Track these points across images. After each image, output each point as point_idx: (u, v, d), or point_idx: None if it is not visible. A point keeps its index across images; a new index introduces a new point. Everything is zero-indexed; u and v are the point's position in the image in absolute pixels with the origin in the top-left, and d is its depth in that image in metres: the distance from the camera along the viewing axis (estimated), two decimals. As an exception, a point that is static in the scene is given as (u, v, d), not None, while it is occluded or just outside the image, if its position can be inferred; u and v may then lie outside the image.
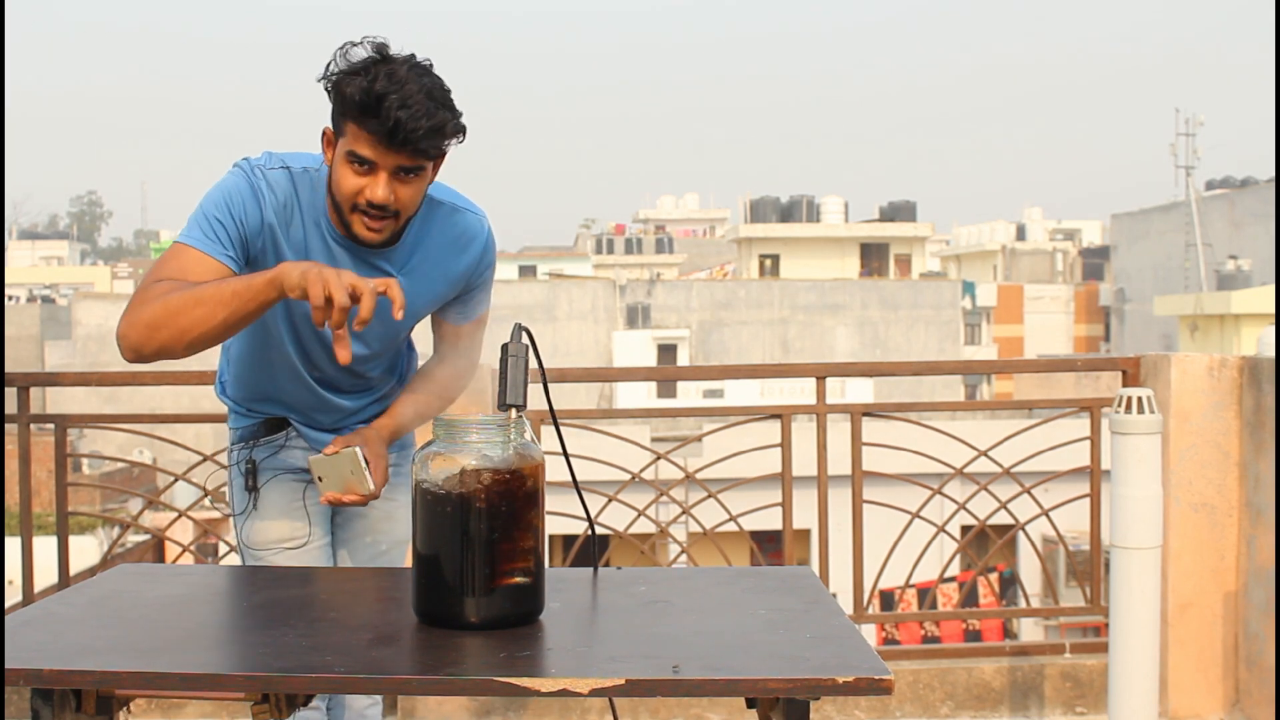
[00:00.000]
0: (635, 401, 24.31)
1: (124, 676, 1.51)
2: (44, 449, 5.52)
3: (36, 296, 41.52)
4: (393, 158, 1.97)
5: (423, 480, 1.70)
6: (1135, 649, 3.19)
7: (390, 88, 1.92)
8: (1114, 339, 36.20)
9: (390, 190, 1.99)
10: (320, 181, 2.10)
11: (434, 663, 1.57)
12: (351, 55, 1.98)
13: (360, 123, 1.95)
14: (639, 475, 3.87)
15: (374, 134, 1.94)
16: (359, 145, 1.97)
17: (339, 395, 2.28)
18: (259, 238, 2.06)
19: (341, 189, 2.02)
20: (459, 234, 2.19)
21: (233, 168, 2.09)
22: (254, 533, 2.29)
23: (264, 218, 2.05)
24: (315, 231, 2.09)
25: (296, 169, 2.09)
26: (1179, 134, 30.79)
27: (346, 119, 1.98)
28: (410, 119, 1.92)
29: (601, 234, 50.17)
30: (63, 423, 3.75)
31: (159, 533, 4.33)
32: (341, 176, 2.01)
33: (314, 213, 2.09)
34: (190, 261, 1.98)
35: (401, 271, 2.14)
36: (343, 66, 1.98)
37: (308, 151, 2.14)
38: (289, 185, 2.08)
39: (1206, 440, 3.67)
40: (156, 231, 70.74)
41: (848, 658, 1.55)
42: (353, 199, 2.01)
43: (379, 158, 1.97)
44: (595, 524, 2.20)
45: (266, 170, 2.07)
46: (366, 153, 1.97)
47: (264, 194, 2.05)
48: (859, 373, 4.10)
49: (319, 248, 2.09)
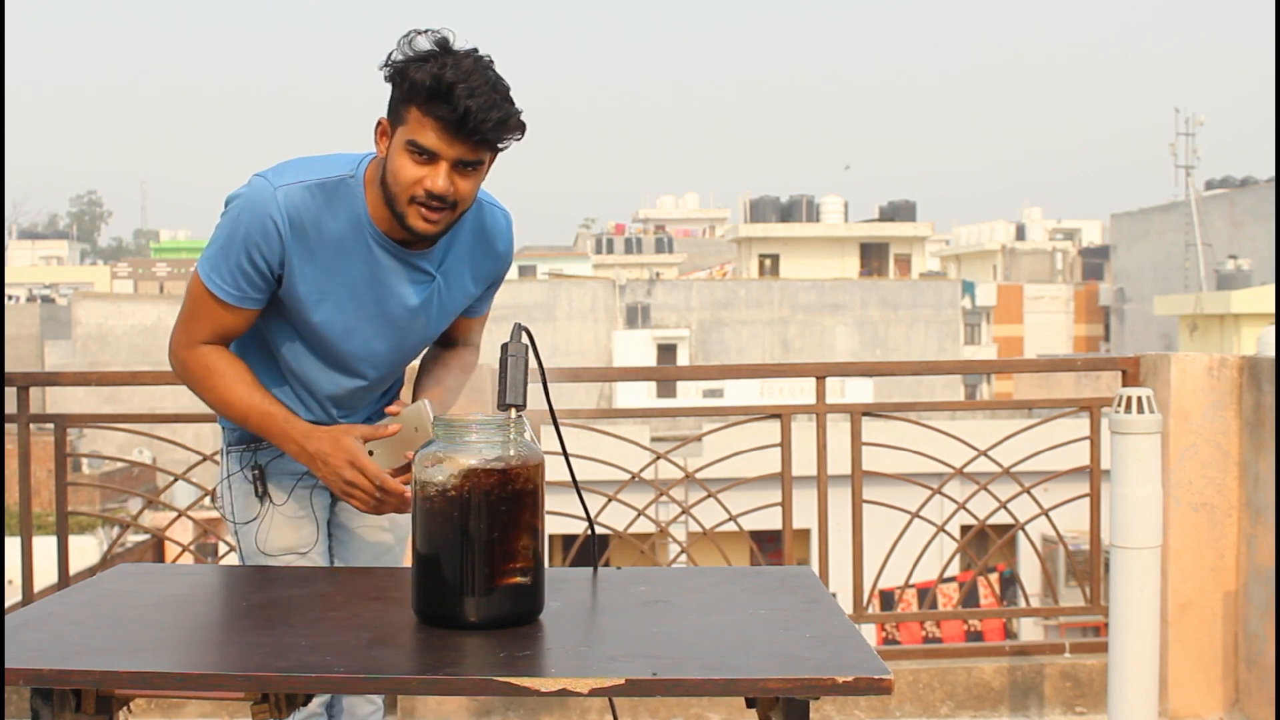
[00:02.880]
0: (635, 401, 24.32)
1: (124, 676, 1.51)
2: (44, 449, 5.53)
3: (36, 296, 41.55)
4: (456, 148, 1.95)
5: (423, 480, 1.70)
6: (1135, 649, 3.19)
7: (460, 76, 1.90)
8: (1114, 339, 36.21)
9: (450, 181, 1.97)
10: (357, 187, 2.07)
11: (434, 663, 1.57)
12: (416, 44, 1.95)
13: (427, 109, 1.93)
14: (639, 475, 3.87)
15: (441, 120, 1.92)
16: (422, 133, 1.95)
17: (347, 405, 2.27)
18: (282, 264, 2.06)
19: (400, 179, 1.99)
20: (487, 230, 2.19)
21: (249, 187, 2.05)
22: (267, 540, 2.25)
23: (284, 247, 2.04)
24: (354, 236, 2.07)
25: (320, 180, 2.05)
26: (1179, 134, 30.78)
27: (412, 104, 1.95)
28: (480, 109, 1.91)
29: (601, 234, 50.14)
30: (62, 422, 3.75)
31: (159, 533, 4.33)
32: (400, 166, 1.98)
33: (351, 218, 2.06)
34: (220, 315, 2.09)
35: (439, 270, 2.14)
36: (408, 54, 1.95)
37: (345, 153, 2.12)
38: (312, 201, 2.04)
39: (1206, 440, 3.67)
40: (156, 231, 70.74)
41: (847, 657, 1.56)
42: (411, 189, 1.98)
43: (442, 147, 1.95)
44: (595, 524, 2.20)
45: (283, 190, 2.03)
46: (430, 141, 1.95)
47: (279, 222, 2.02)
48: (859, 372, 4.10)
49: (360, 254, 2.08)
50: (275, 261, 2.05)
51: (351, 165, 2.09)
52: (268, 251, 2.03)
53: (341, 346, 2.15)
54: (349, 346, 2.15)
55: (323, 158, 2.11)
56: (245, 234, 2.03)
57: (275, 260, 2.04)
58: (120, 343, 28.58)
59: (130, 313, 29.19)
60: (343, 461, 2.07)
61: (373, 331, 2.15)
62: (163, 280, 43.25)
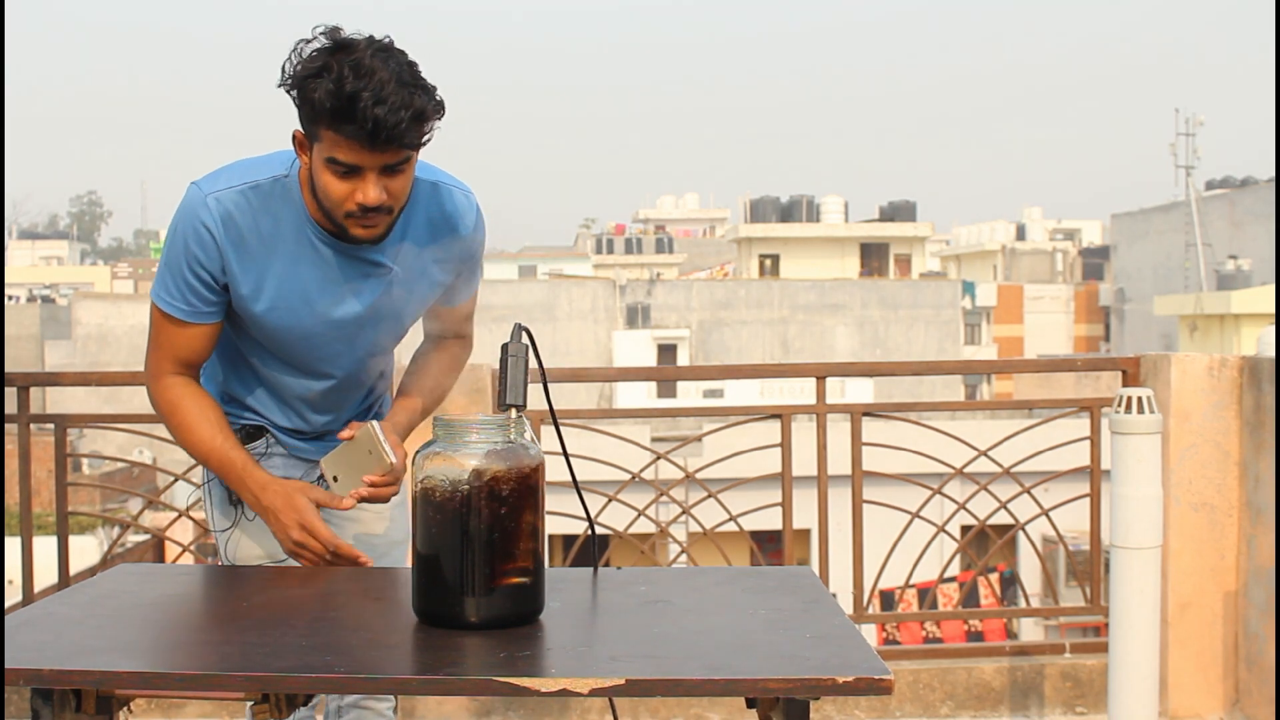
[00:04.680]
0: (635, 401, 24.32)
1: (124, 676, 1.51)
2: (44, 449, 5.52)
3: (36, 296, 41.53)
4: (377, 158, 1.84)
5: (422, 480, 1.70)
6: (1135, 649, 3.19)
7: (360, 84, 1.78)
8: (1114, 339, 36.21)
9: (380, 189, 1.87)
10: (293, 186, 1.98)
11: (434, 663, 1.57)
12: (307, 53, 1.84)
13: (336, 128, 1.81)
14: (639, 475, 3.87)
15: (353, 139, 1.81)
16: (338, 151, 1.84)
17: (324, 408, 2.21)
18: (223, 272, 1.99)
19: (330, 196, 1.90)
20: (447, 213, 2.07)
21: (184, 196, 1.99)
22: (239, 549, 2.22)
23: (221, 253, 1.97)
24: (297, 237, 1.99)
25: (254, 183, 1.98)
26: (1179, 134, 30.80)
27: (319, 125, 1.84)
28: (389, 114, 1.78)
29: (601, 234, 50.15)
30: (63, 423, 3.75)
31: (159, 533, 4.33)
32: (326, 184, 1.89)
33: (294, 219, 1.99)
34: (178, 336, 2.05)
35: (395, 262, 2.03)
36: (301, 67, 1.84)
37: (279, 150, 2.03)
38: (246, 204, 1.97)
39: (1206, 440, 3.67)
40: (156, 231, 70.70)
41: (848, 657, 1.55)
42: (344, 205, 1.90)
43: (362, 160, 1.84)
44: (595, 524, 2.20)
45: (213, 196, 1.96)
46: (348, 158, 1.84)
47: (212, 228, 1.96)
48: (859, 373, 4.10)
49: (305, 255, 2.00)
50: (216, 269, 1.98)
51: (285, 164, 2.00)
52: (206, 260, 1.97)
53: (300, 349, 2.09)
54: (307, 348, 2.09)
55: (255, 159, 2.03)
56: (184, 245, 1.97)
57: (216, 268, 1.98)
58: (120, 343, 28.58)
59: (130, 313, 29.19)
60: (292, 521, 2.04)
61: (329, 332, 2.07)
62: (163, 280, 43.19)
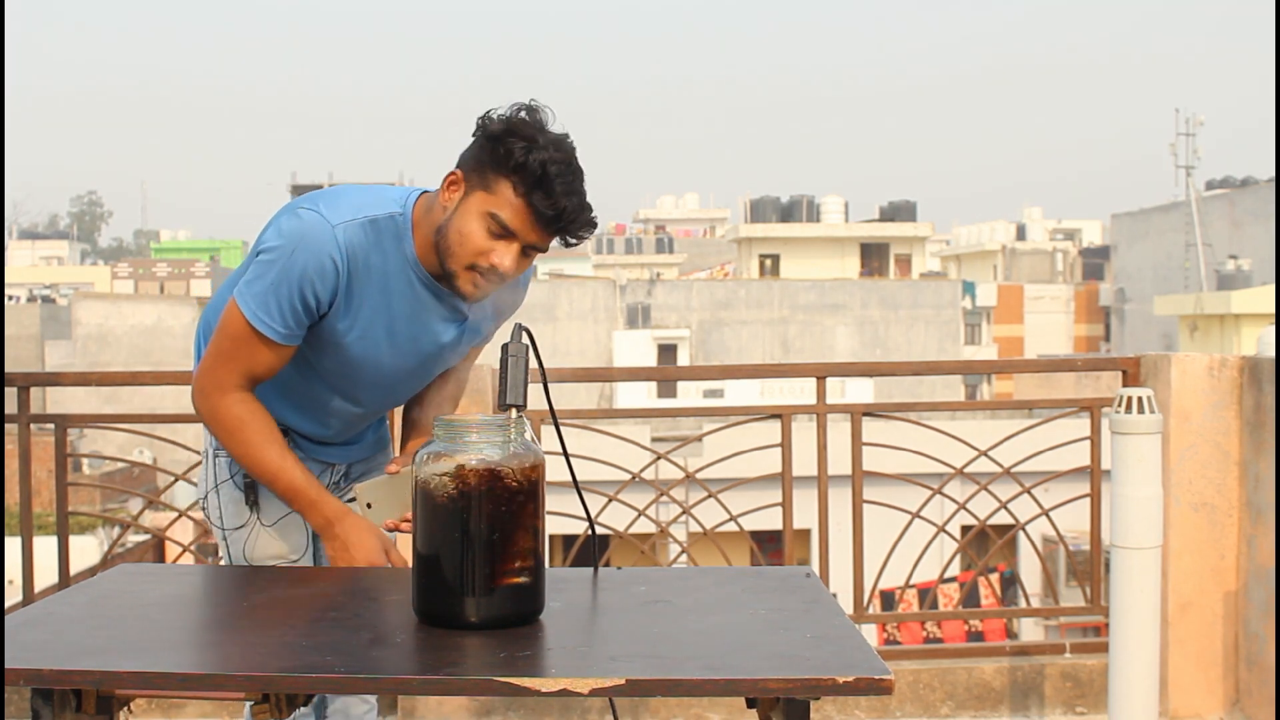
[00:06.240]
0: (635, 401, 24.31)
1: (124, 676, 1.51)
2: (44, 449, 5.53)
3: (36, 296, 41.50)
4: (536, 235, 1.94)
5: (423, 480, 1.70)
6: (1135, 649, 3.19)
7: (565, 172, 1.89)
8: (1114, 339, 36.20)
9: (516, 262, 1.96)
10: (406, 227, 2.02)
11: (434, 663, 1.57)
12: (520, 114, 1.92)
13: (523, 192, 1.90)
14: (639, 475, 3.87)
15: (534, 209, 1.90)
16: (508, 211, 1.92)
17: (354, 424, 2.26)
18: (331, 302, 2.02)
19: (467, 245, 1.95)
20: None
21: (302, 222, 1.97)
22: (255, 548, 2.23)
23: (338, 286, 1.99)
24: (400, 277, 2.03)
25: (376, 218, 2.01)
26: (1179, 134, 30.77)
27: (505, 179, 1.91)
28: (573, 209, 1.91)
29: (601, 234, 50.10)
30: (63, 423, 3.75)
31: (159, 533, 4.34)
32: (471, 233, 1.95)
33: (399, 259, 2.02)
34: (263, 354, 2.02)
35: (470, 312, 2.13)
36: (511, 125, 1.91)
37: (388, 185, 2.09)
38: (364, 238, 1.99)
39: (1206, 440, 3.67)
40: (156, 231, 70.68)
41: (848, 657, 1.55)
42: (476, 258, 1.96)
43: (523, 230, 1.93)
44: (595, 524, 2.20)
45: (341, 227, 1.97)
46: (514, 223, 1.92)
47: (339, 261, 1.97)
48: (859, 373, 4.10)
49: (403, 292, 2.04)
50: (327, 299, 2.00)
51: (399, 202, 2.04)
52: (322, 289, 1.98)
53: (362, 377, 2.12)
54: (371, 378, 2.12)
55: (364, 190, 2.07)
56: (301, 272, 1.96)
57: (328, 298, 2.00)
58: (121, 343, 28.59)
59: (130, 313, 29.21)
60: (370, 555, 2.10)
61: (400, 367, 2.12)
62: (163, 280, 43.19)
